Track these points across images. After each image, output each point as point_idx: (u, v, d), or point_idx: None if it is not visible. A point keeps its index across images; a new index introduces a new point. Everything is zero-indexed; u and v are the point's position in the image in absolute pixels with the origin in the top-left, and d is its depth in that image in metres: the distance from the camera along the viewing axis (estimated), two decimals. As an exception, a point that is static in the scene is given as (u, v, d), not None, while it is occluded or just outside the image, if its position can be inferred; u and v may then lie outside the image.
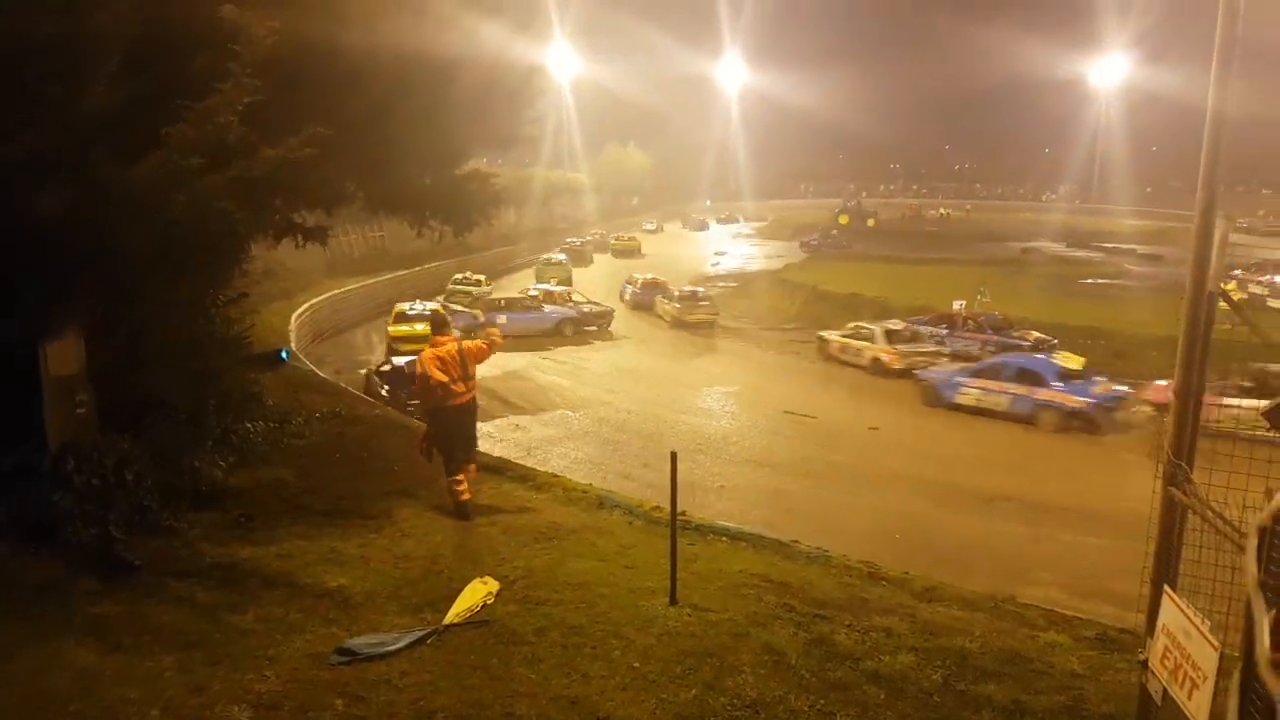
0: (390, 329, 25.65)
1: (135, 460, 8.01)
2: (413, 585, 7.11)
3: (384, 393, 16.77)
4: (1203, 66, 3.74)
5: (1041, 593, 9.65)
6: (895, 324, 24.72)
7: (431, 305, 28.69)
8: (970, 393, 19.51)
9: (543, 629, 6.38)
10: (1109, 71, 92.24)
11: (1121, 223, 74.15)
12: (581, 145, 76.41)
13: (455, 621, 6.42)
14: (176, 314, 9.34)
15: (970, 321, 25.12)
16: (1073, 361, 19.94)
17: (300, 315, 25.33)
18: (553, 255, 47.16)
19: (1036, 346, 23.18)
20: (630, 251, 56.20)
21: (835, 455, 15.93)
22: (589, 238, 58.69)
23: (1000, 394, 19.00)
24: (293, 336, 22.41)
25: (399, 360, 20.41)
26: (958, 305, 26.12)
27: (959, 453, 16.35)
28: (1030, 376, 18.80)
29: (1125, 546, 5.70)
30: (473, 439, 9.70)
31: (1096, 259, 52.15)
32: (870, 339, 23.89)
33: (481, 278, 36.52)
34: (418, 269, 37.46)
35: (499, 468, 11.59)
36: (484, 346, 9.68)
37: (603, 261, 52.84)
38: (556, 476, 11.54)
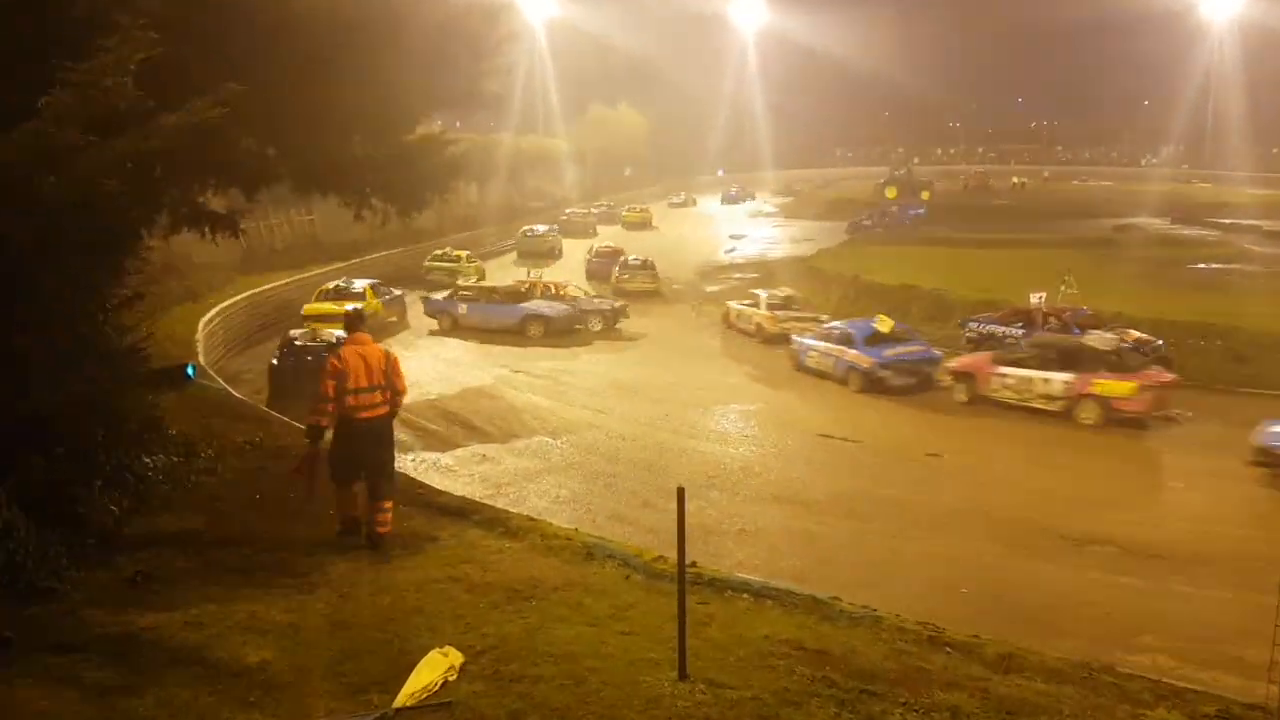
0: (305, 307, 27.45)
1: (3, 507, 7.98)
2: (355, 659, 7.10)
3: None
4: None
5: (1148, 660, 9.63)
6: (781, 291, 31.30)
7: (368, 282, 30.65)
8: (813, 355, 24.70)
9: (518, 713, 6.36)
10: (1222, 3, 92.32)
11: (1241, 192, 74.36)
12: (560, 105, 76.65)
13: (408, 705, 6.40)
14: (55, 322, 9.33)
15: (1053, 319, 25.01)
16: (885, 325, 24.07)
17: (210, 321, 25.31)
18: (535, 227, 51.31)
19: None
20: (643, 224, 64.11)
21: (884, 489, 15.93)
22: (593, 210, 65.15)
23: (826, 356, 24.15)
24: (200, 348, 22.39)
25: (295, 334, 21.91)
26: (1036, 299, 25.93)
27: (1039, 481, 16.36)
28: (844, 338, 23.80)
29: (1252, 600, 5.70)
30: (389, 470, 9.92)
31: (1210, 238, 52.21)
32: (756, 306, 30.02)
33: (463, 254, 41.01)
34: (356, 261, 37.48)
35: (461, 510, 11.58)
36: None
37: (610, 234, 56.75)
38: (534, 520, 11.52)
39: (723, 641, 7.72)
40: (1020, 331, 24.94)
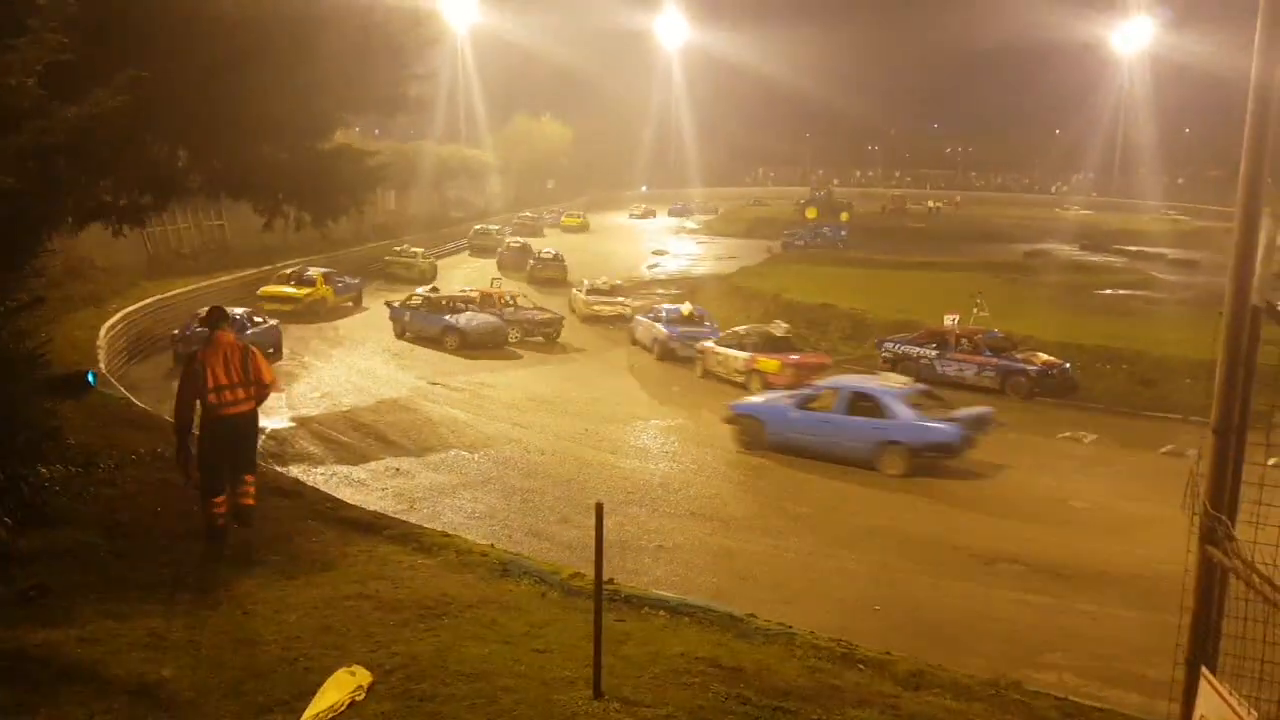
0: (261, 290, 32.57)
1: (-115, 518, 7.66)
2: (259, 678, 6.94)
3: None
4: (1244, 29, 3.90)
5: (1053, 677, 9.86)
6: (602, 281, 38.12)
7: (322, 271, 34.65)
8: (640, 329, 30.79)
9: (429, 733, 6.27)
10: (1133, 36, 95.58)
11: (1148, 221, 76.99)
12: (484, 115, 76.47)
13: (314, 725, 6.28)
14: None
15: (965, 340, 25.71)
16: (686, 310, 30.23)
17: (113, 327, 24.63)
18: (488, 225, 60.17)
19: (1045, 372, 24.06)
20: (581, 228, 72.21)
21: (799, 507, 16.11)
22: (545, 214, 73.18)
23: (646, 332, 30.00)
24: (103, 355, 21.77)
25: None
26: (950, 320, 26.76)
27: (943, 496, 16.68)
28: (658, 318, 30.07)
29: (1156, 619, 5.86)
30: (251, 458, 10.33)
31: (1117, 265, 53.99)
32: (582, 291, 36.89)
33: (419, 251, 47.45)
34: (267, 268, 36.79)
35: (373, 525, 11.40)
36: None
37: (552, 235, 64.66)
38: (448, 535, 11.40)
39: (639, 659, 7.71)
40: (934, 352, 25.50)
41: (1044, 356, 25.07)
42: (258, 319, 26.05)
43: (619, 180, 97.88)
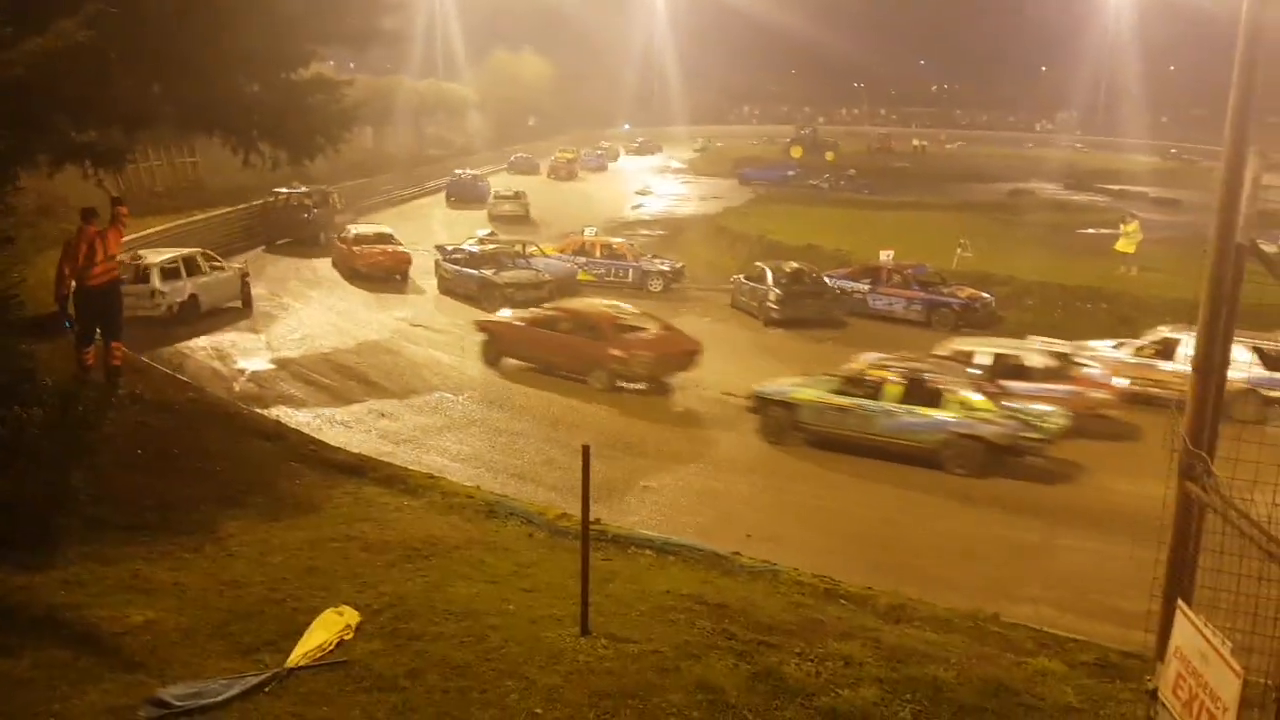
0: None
1: None
2: (245, 619, 7.00)
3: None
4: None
5: (1030, 610, 10.04)
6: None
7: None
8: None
9: (417, 671, 6.37)
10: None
11: (1132, 159, 76.86)
12: (463, 50, 75.20)
13: (302, 664, 6.36)
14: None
15: (896, 275, 26.23)
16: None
17: (88, 268, 24.38)
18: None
19: (969, 305, 25.17)
20: (570, 168, 68.11)
21: (786, 446, 16.21)
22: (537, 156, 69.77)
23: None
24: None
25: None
26: (885, 256, 27.81)
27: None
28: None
29: (1132, 554, 5.97)
30: (112, 318, 13.59)
31: (1100, 204, 53.97)
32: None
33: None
34: (242, 206, 36.35)
35: (358, 467, 11.46)
36: (119, 229, 13.92)
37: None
38: (434, 478, 11.47)
39: (625, 597, 7.82)
40: (866, 287, 26.47)
41: (969, 290, 25.99)
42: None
43: (602, 119, 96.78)
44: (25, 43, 7.37)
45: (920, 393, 15.51)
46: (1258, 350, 17.04)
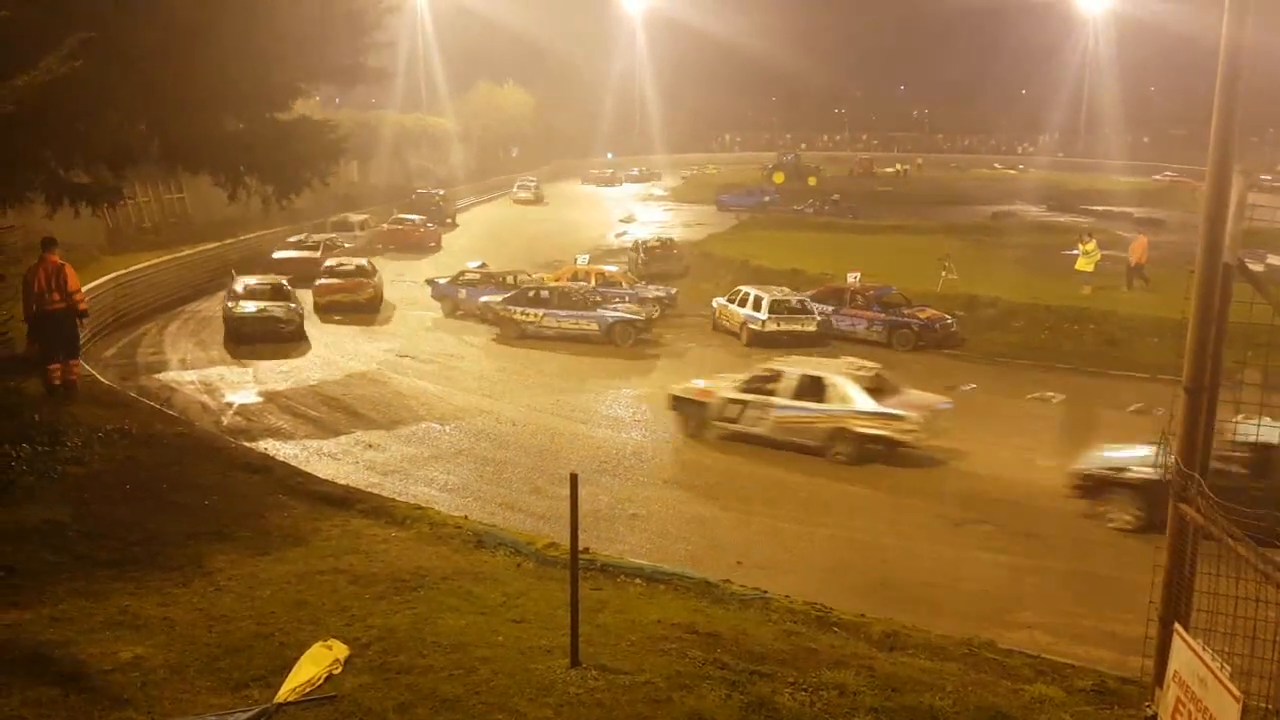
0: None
1: None
2: (233, 654, 6.93)
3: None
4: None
5: (1026, 636, 10.00)
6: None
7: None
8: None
9: (406, 705, 6.30)
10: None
11: (1114, 180, 77.38)
12: (446, 82, 75.48)
13: (291, 699, 6.29)
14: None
15: (859, 297, 26.80)
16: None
17: (74, 303, 24.27)
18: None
19: (928, 326, 25.61)
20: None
21: (774, 470, 16.17)
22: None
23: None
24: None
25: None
26: (852, 278, 28.28)
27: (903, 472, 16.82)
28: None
29: (1127, 578, 5.94)
30: (70, 343, 14.77)
31: (1084, 225, 54.26)
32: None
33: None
34: (231, 241, 36.34)
35: (345, 499, 11.37)
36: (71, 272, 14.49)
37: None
38: (421, 508, 11.39)
39: (615, 627, 7.75)
40: (830, 308, 26.83)
41: (930, 311, 26.40)
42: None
43: (584, 148, 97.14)
44: (13, 79, 7.35)
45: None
46: None
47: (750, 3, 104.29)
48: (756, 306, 26.05)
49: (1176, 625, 4.05)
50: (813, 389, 17.10)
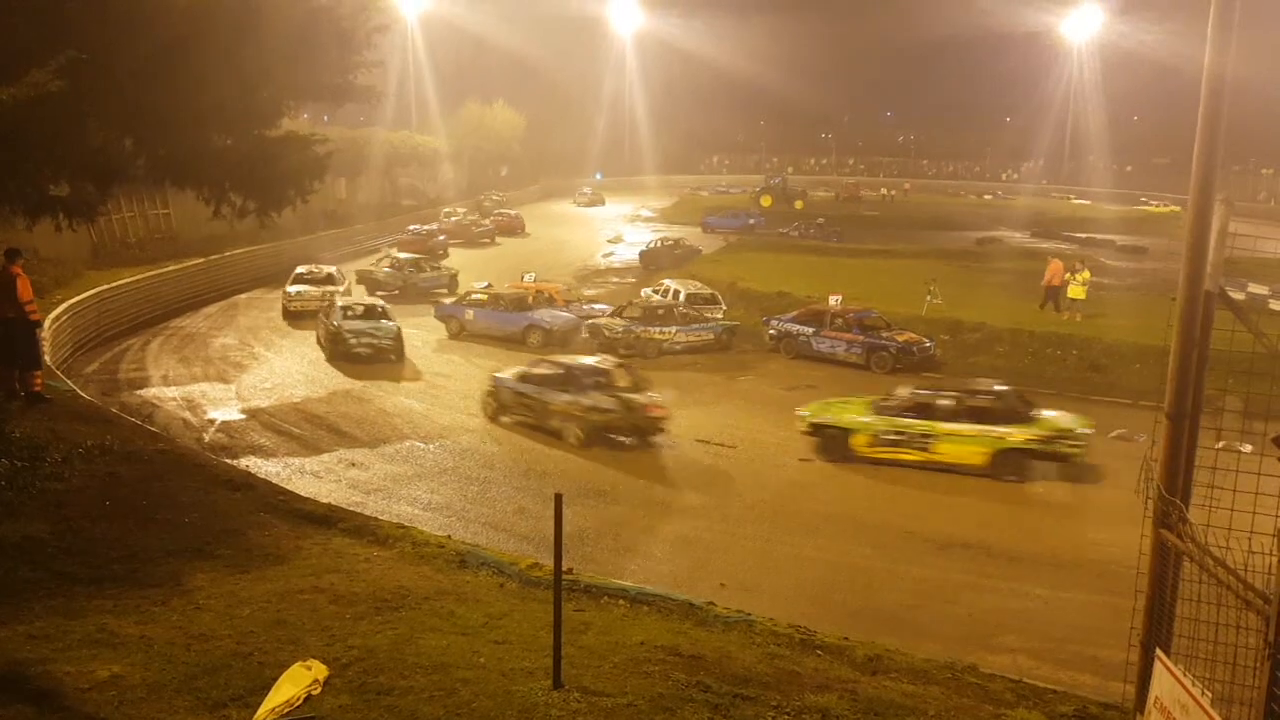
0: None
1: None
2: (212, 674, 6.86)
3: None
4: (1197, 18, 3.96)
5: (1008, 660, 10.00)
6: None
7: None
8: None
9: (387, 727, 6.24)
10: (1083, 24, 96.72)
11: (1098, 208, 78.01)
12: (435, 101, 75.70)
13: (269, 720, 6.23)
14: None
15: (839, 319, 26.94)
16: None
17: (58, 318, 24.13)
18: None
19: (906, 349, 25.74)
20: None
21: (759, 493, 16.17)
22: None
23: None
24: (47, 347, 21.33)
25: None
26: (833, 300, 28.46)
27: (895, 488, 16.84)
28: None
29: (1109, 603, 5.95)
30: (28, 354, 14.79)
31: (1067, 252, 54.58)
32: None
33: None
34: (217, 257, 36.27)
35: (327, 518, 11.30)
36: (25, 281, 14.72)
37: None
38: (404, 527, 11.33)
39: (598, 648, 7.72)
40: (810, 330, 27.08)
41: (908, 334, 26.56)
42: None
43: (573, 168, 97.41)
44: (-1, 93, 7.34)
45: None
46: None
47: (740, 26, 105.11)
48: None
49: (1158, 651, 4.05)
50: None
